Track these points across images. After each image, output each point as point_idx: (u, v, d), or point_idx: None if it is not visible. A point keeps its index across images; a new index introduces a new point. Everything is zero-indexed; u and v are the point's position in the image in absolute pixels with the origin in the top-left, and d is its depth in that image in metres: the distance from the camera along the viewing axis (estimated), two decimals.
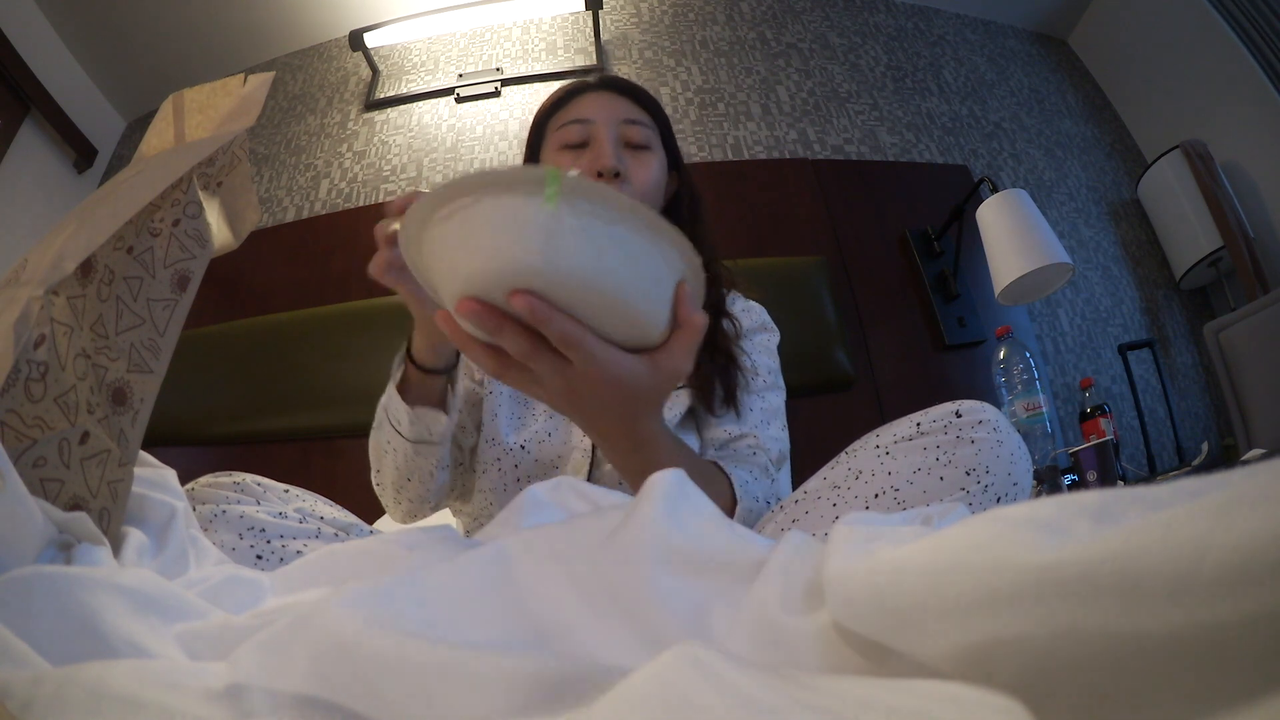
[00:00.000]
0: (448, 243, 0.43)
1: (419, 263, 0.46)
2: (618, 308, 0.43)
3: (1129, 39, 2.16)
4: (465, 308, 0.42)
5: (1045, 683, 0.17)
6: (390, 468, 0.72)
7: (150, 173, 0.47)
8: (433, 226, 0.43)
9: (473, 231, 0.41)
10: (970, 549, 0.18)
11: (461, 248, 0.42)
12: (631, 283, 0.43)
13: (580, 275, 0.41)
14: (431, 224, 0.43)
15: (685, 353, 0.46)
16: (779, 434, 0.81)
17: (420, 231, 0.44)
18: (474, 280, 0.42)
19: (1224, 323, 1.40)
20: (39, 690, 0.21)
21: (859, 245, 1.71)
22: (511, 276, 0.41)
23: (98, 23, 2.01)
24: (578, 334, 0.42)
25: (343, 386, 1.47)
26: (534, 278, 0.41)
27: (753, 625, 0.26)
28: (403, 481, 0.73)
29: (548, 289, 0.42)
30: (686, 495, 0.33)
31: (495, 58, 2.09)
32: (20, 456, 0.35)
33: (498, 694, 0.21)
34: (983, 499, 0.54)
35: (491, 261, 0.41)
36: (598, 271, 0.42)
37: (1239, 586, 0.13)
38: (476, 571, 0.30)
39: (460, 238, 0.42)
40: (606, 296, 0.43)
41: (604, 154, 0.79)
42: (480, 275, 0.42)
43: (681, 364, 0.46)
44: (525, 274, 0.41)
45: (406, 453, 0.70)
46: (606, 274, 0.42)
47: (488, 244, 0.41)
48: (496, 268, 0.41)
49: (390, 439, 0.70)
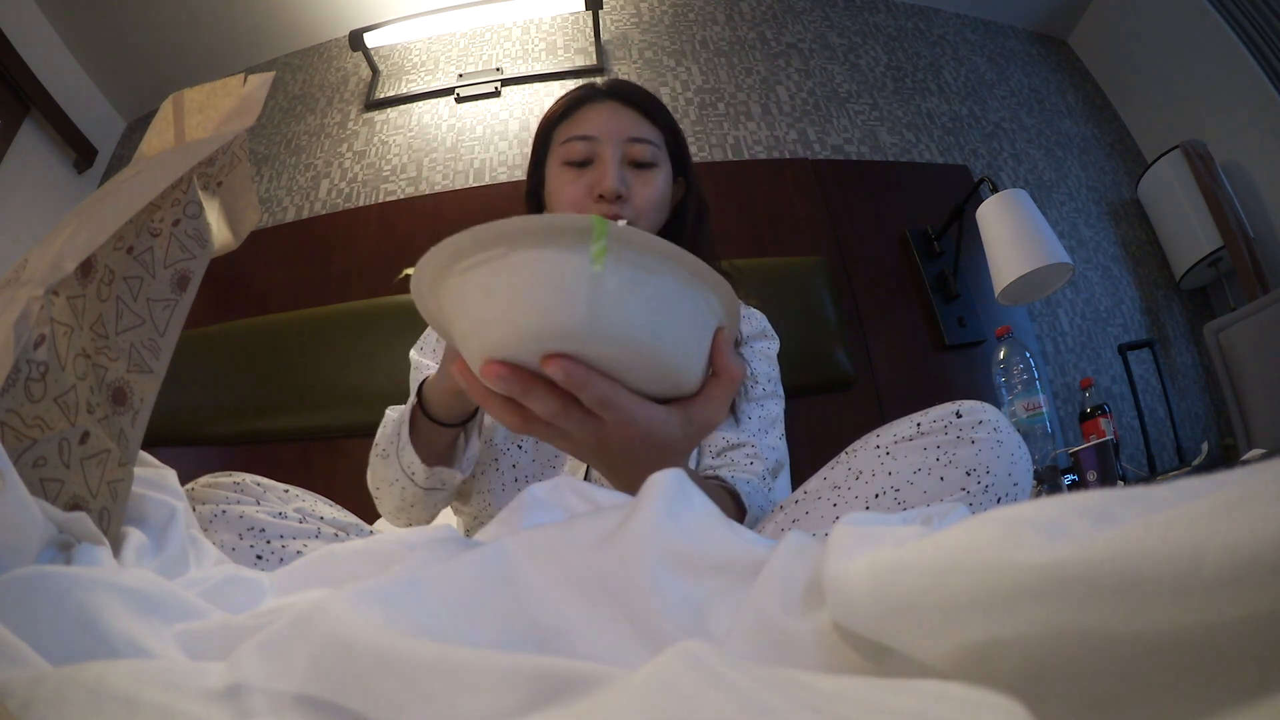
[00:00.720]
0: (471, 297, 0.39)
1: (434, 312, 0.43)
2: (656, 361, 0.40)
3: (1129, 39, 2.16)
4: (492, 372, 0.39)
5: (1045, 683, 0.17)
6: (394, 497, 0.73)
7: (150, 173, 0.47)
8: (453, 276, 0.39)
9: (503, 287, 0.37)
10: (970, 549, 0.18)
11: (488, 304, 0.38)
12: (671, 335, 0.40)
13: (621, 333, 0.38)
14: (452, 273, 0.39)
15: (721, 402, 0.44)
16: (776, 442, 0.81)
17: (438, 281, 0.40)
18: (502, 341, 0.38)
19: (1224, 323, 1.40)
20: (39, 690, 0.21)
21: (859, 245, 1.71)
22: (547, 339, 0.38)
23: (98, 23, 2.01)
24: (613, 394, 0.39)
25: (343, 386, 1.47)
26: (572, 340, 0.38)
27: (753, 625, 0.26)
28: (405, 508, 0.74)
29: (584, 348, 0.38)
30: (686, 495, 0.33)
31: (495, 58, 2.09)
32: (20, 456, 0.35)
33: (498, 694, 0.21)
34: (983, 499, 0.54)
35: (524, 322, 0.37)
36: (639, 327, 0.38)
37: (1239, 586, 0.13)
38: (476, 571, 0.30)
39: (487, 293, 0.38)
40: (645, 351, 0.39)
41: (607, 176, 0.79)
42: (511, 336, 0.38)
43: (717, 414, 0.44)
44: (563, 336, 0.37)
45: (417, 495, 0.70)
46: (647, 329, 0.39)
47: (520, 303, 0.37)
48: (530, 329, 0.37)
49: (398, 479, 0.70)
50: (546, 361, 0.37)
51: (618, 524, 0.31)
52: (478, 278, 0.38)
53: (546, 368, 0.37)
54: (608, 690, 0.19)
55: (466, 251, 0.37)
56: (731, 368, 0.43)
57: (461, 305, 0.39)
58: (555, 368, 0.37)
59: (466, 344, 0.41)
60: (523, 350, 0.38)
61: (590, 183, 0.80)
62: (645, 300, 0.38)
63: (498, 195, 1.76)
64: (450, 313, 0.41)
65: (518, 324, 0.38)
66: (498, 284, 0.37)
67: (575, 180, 0.81)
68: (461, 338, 0.41)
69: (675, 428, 0.43)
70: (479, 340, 0.40)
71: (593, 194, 0.79)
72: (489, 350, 0.39)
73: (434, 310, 0.43)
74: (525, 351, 0.38)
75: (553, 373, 0.37)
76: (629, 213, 0.79)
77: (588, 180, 0.80)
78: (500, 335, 0.38)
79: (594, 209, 0.79)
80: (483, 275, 0.38)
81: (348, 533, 0.60)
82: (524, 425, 0.43)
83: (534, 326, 0.37)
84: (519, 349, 0.38)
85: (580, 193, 0.80)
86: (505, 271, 0.37)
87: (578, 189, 0.81)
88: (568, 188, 0.81)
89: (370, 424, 0.78)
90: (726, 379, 0.43)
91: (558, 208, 0.83)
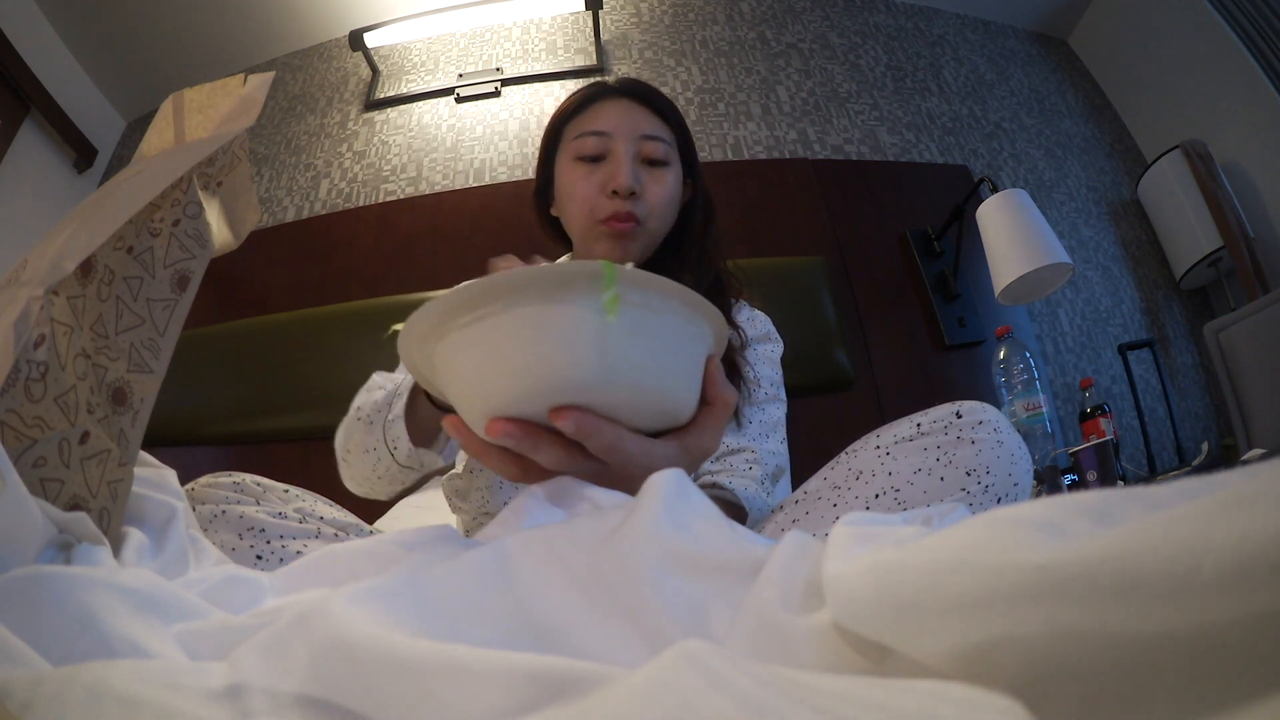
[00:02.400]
0: (471, 353, 0.37)
1: (422, 369, 0.41)
2: (658, 399, 0.39)
3: (1129, 39, 2.16)
4: (499, 430, 0.37)
5: (1045, 683, 0.17)
6: (365, 465, 0.70)
7: (150, 173, 0.47)
8: (452, 332, 0.37)
9: (509, 343, 0.36)
10: (970, 549, 0.18)
11: (492, 360, 0.36)
12: (672, 372, 0.40)
13: (630, 378, 0.37)
14: (450, 329, 0.37)
15: (716, 431, 0.44)
16: (777, 447, 0.81)
17: (431, 337, 0.38)
18: (509, 397, 0.37)
19: (1224, 323, 1.40)
20: (39, 690, 0.21)
21: (859, 245, 1.71)
22: (556, 392, 0.36)
23: (98, 23, 2.01)
24: (618, 440, 0.39)
25: (343, 386, 1.46)
26: (582, 391, 0.36)
27: (753, 625, 0.26)
28: (372, 479, 0.72)
29: (592, 398, 0.37)
30: (686, 495, 0.33)
31: (495, 58, 2.09)
32: (20, 456, 0.35)
33: (498, 694, 0.21)
34: (983, 499, 0.54)
35: (535, 378, 0.36)
36: (647, 370, 0.38)
37: (1239, 586, 0.13)
38: (476, 571, 0.30)
39: (491, 349, 0.36)
40: (649, 391, 0.38)
41: (621, 173, 0.78)
42: (518, 392, 0.36)
43: (711, 443, 0.44)
44: (574, 389, 0.36)
45: (390, 469, 0.68)
46: (653, 370, 0.38)
47: (529, 358, 0.36)
48: (540, 384, 0.36)
49: (376, 449, 0.68)
50: (557, 414, 0.36)
51: (618, 524, 0.31)
52: (479, 332, 0.36)
53: (557, 421, 0.36)
54: (607, 690, 0.19)
55: (468, 306, 0.36)
56: (725, 396, 0.43)
57: (460, 362, 0.38)
58: (567, 421, 0.36)
59: (465, 402, 0.39)
60: (530, 405, 0.37)
61: (603, 178, 0.79)
62: (651, 341, 0.38)
63: (498, 195, 1.76)
64: (446, 369, 0.39)
65: (527, 380, 0.36)
66: (503, 339, 0.36)
67: (588, 176, 0.81)
68: (458, 395, 0.39)
69: (673, 459, 0.42)
70: (479, 399, 0.38)
71: (605, 190, 0.79)
72: (494, 408, 0.37)
73: (423, 367, 0.41)
74: (532, 406, 0.37)
75: (564, 426, 0.36)
76: (642, 209, 0.79)
77: (600, 176, 0.80)
78: (507, 391, 0.37)
79: (608, 206, 0.79)
80: (485, 330, 0.36)
81: (348, 533, 0.60)
82: (523, 475, 0.42)
83: (544, 382, 0.36)
84: (526, 404, 0.37)
85: (593, 188, 0.80)
86: (511, 326, 0.35)
87: (590, 185, 0.80)
88: (580, 183, 0.81)
89: None
90: (721, 407, 0.43)
91: (570, 203, 0.83)
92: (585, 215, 0.80)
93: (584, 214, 0.81)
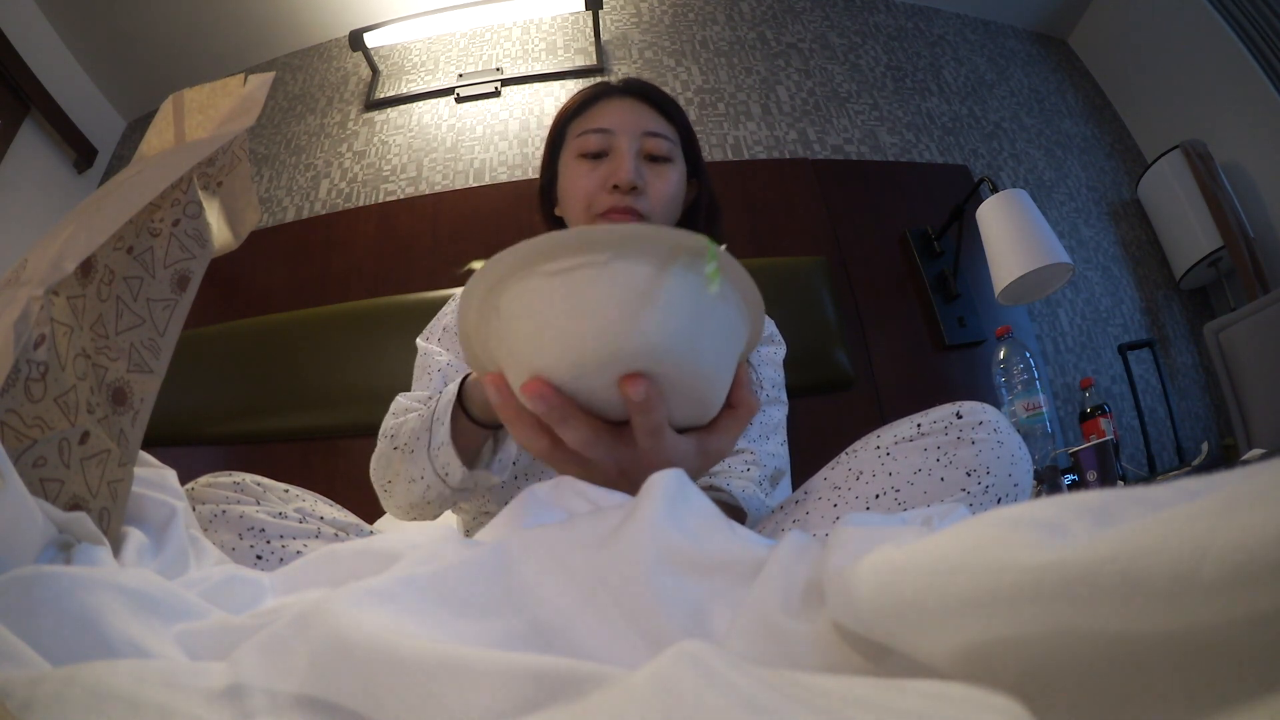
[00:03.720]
0: (547, 302, 0.35)
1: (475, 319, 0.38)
2: (706, 387, 0.39)
3: (1129, 39, 2.16)
4: (534, 390, 0.36)
5: (1045, 683, 0.17)
6: (413, 494, 0.68)
7: (150, 173, 0.47)
8: (535, 278, 0.35)
9: (595, 297, 0.34)
10: (970, 549, 0.18)
11: (569, 314, 0.35)
12: (724, 362, 0.39)
13: (699, 359, 0.36)
14: (533, 274, 0.35)
15: (734, 436, 0.43)
16: (777, 449, 0.80)
17: (511, 283, 0.36)
18: (572, 357, 0.35)
19: (1224, 323, 1.40)
20: (39, 690, 0.21)
21: (859, 245, 1.71)
22: (629, 357, 0.35)
23: (98, 23, 2.01)
24: (664, 422, 0.38)
25: (343, 386, 1.47)
26: (653, 359, 0.35)
27: (752, 625, 0.26)
28: (420, 505, 0.70)
29: (660, 370, 0.35)
30: (686, 495, 0.33)
31: (495, 58, 2.09)
32: (20, 456, 0.35)
33: (497, 694, 0.21)
34: (983, 500, 0.54)
35: (611, 338, 0.34)
36: (713, 353, 0.37)
37: (1239, 586, 0.13)
38: (477, 571, 0.30)
39: (574, 301, 0.34)
40: (707, 377, 0.38)
41: (623, 167, 0.78)
42: (587, 351, 0.35)
43: (728, 447, 0.43)
44: (646, 357, 0.35)
45: (442, 495, 0.66)
46: (714, 355, 0.37)
47: (613, 316, 0.34)
48: (615, 347, 0.34)
49: (424, 477, 0.66)
50: (630, 380, 0.35)
51: (618, 524, 0.31)
52: (570, 282, 0.34)
53: (630, 386, 0.35)
54: (608, 690, 0.19)
55: (566, 251, 0.34)
56: (750, 402, 0.43)
57: (534, 309, 0.35)
58: (639, 388, 0.35)
59: (520, 355, 0.37)
60: (595, 368, 0.35)
61: (606, 174, 0.80)
62: (720, 326, 0.37)
63: (498, 195, 1.76)
64: (514, 317, 0.37)
65: (604, 339, 0.35)
66: (594, 293, 0.34)
67: (590, 172, 0.81)
68: (516, 348, 0.37)
69: (691, 459, 0.42)
70: (541, 353, 0.36)
71: (607, 185, 0.79)
72: (549, 365, 0.36)
73: (474, 319, 0.39)
74: (597, 369, 0.35)
75: (634, 392, 0.35)
76: (644, 206, 0.79)
77: (603, 172, 0.80)
78: (575, 349, 0.35)
79: (608, 200, 0.79)
80: (577, 280, 0.34)
81: (348, 533, 0.60)
82: (550, 452, 0.41)
83: (625, 344, 0.34)
84: (593, 365, 0.35)
85: (595, 184, 0.80)
86: (607, 280, 0.34)
87: (592, 180, 0.80)
88: (582, 179, 0.81)
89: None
90: (744, 412, 0.43)
91: (572, 199, 0.83)
92: (585, 210, 0.81)
93: (584, 209, 0.81)
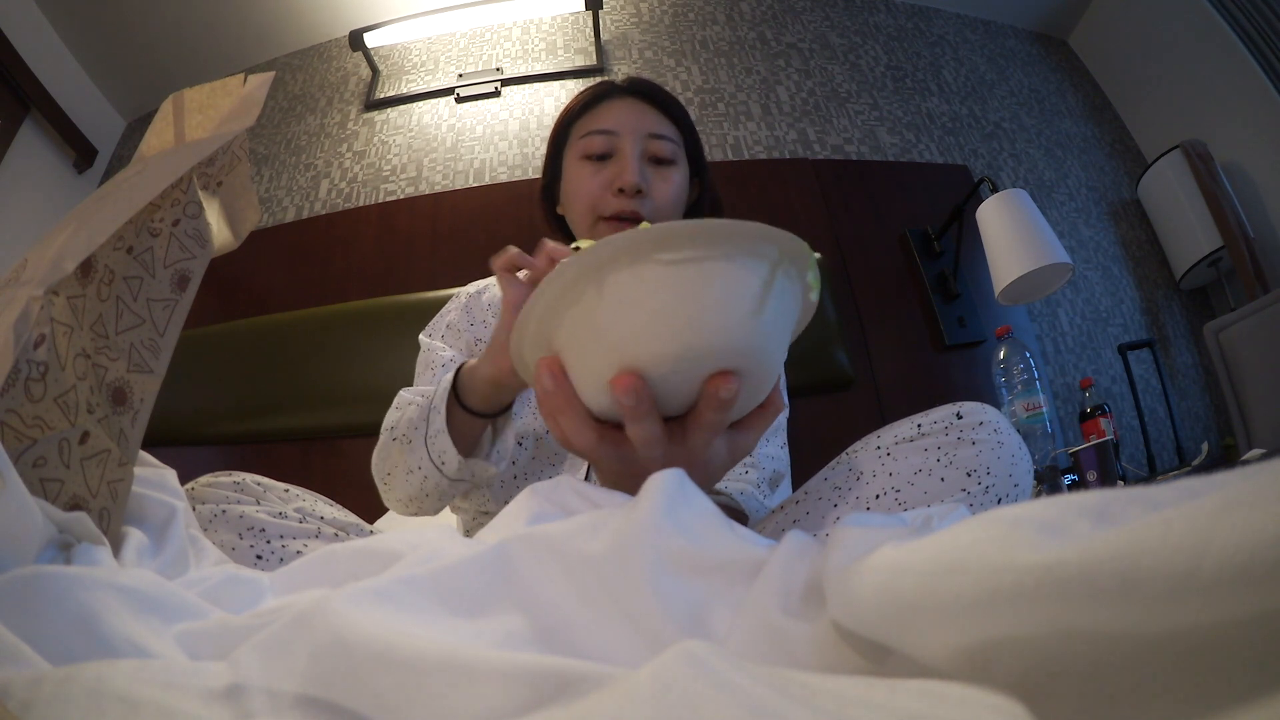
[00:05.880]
0: (658, 292, 0.34)
1: (576, 298, 0.37)
2: (769, 387, 0.40)
3: (1129, 39, 2.16)
4: (628, 384, 0.35)
5: (1045, 683, 0.17)
6: (411, 486, 0.68)
7: (150, 173, 0.47)
8: (644, 265, 0.35)
9: (715, 291, 0.34)
10: (970, 549, 0.18)
11: (681, 306, 0.34)
12: (782, 359, 0.40)
13: (779, 358, 0.37)
14: (648, 261, 0.34)
15: (759, 433, 0.44)
16: (777, 452, 0.80)
17: (622, 266, 0.35)
18: (680, 345, 0.35)
19: (1224, 323, 1.40)
20: (39, 690, 0.21)
21: (859, 245, 1.71)
22: (731, 353, 0.36)
23: (98, 23, 2.01)
24: (728, 422, 0.39)
25: (343, 386, 1.47)
26: (746, 357, 0.36)
27: (752, 625, 0.26)
28: (419, 498, 0.70)
29: (747, 368, 0.37)
30: (686, 495, 0.33)
31: (495, 58, 2.09)
32: (20, 456, 0.35)
33: (498, 693, 0.21)
34: (983, 500, 0.53)
35: (718, 329, 0.35)
36: (783, 352, 0.38)
37: (1239, 586, 0.13)
38: (477, 571, 0.30)
39: (690, 293, 0.34)
40: (772, 377, 0.39)
41: (628, 170, 0.78)
42: (699, 341, 0.35)
43: (752, 444, 0.44)
44: (745, 353, 0.36)
45: (440, 486, 0.66)
46: (784, 354, 0.39)
47: (730, 312, 0.35)
48: (725, 341, 0.35)
49: (421, 468, 0.66)
50: (722, 377, 0.36)
51: (618, 524, 0.31)
52: (690, 273, 0.34)
53: (721, 383, 0.36)
54: (608, 690, 0.19)
55: (692, 241, 0.34)
56: (777, 402, 0.44)
57: (641, 298, 0.35)
58: (731, 385, 0.36)
59: (615, 341, 0.36)
60: (694, 359, 0.36)
61: (610, 176, 0.80)
62: (792, 329, 0.38)
63: (498, 195, 1.76)
64: (616, 304, 0.36)
65: (717, 332, 0.35)
66: (712, 286, 0.34)
67: (594, 174, 0.81)
68: (611, 335, 0.36)
69: (721, 456, 0.43)
70: (644, 339, 0.35)
71: (612, 188, 0.79)
72: (652, 353, 0.35)
73: (559, 297, 0.37)
74: (694, 361, 0.36)
75: (724, 390, 0.36)
76: (648, 208, 0.79)
77: (607, 174, 0.80)
78: (683, 339, 0.35)
79: (613, 203, 0.79)
80: (699, 271, 0.34)
81: (348, 533, 0.60)
82: (596, 446, 0.41)
83: (729, 339, 0.35)
84: (692, 357, 0.36)
85: (599, 186, 0.80)
86: (723, 275, 0.34)
87: (596, 183, 0.80)
88: (586, 181, 0.81)
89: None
90: (772, 412, 0.44)
91: (576, 201, 0.83)
92: (589, 212, 0.81)
93: (588, 211, 0.81)
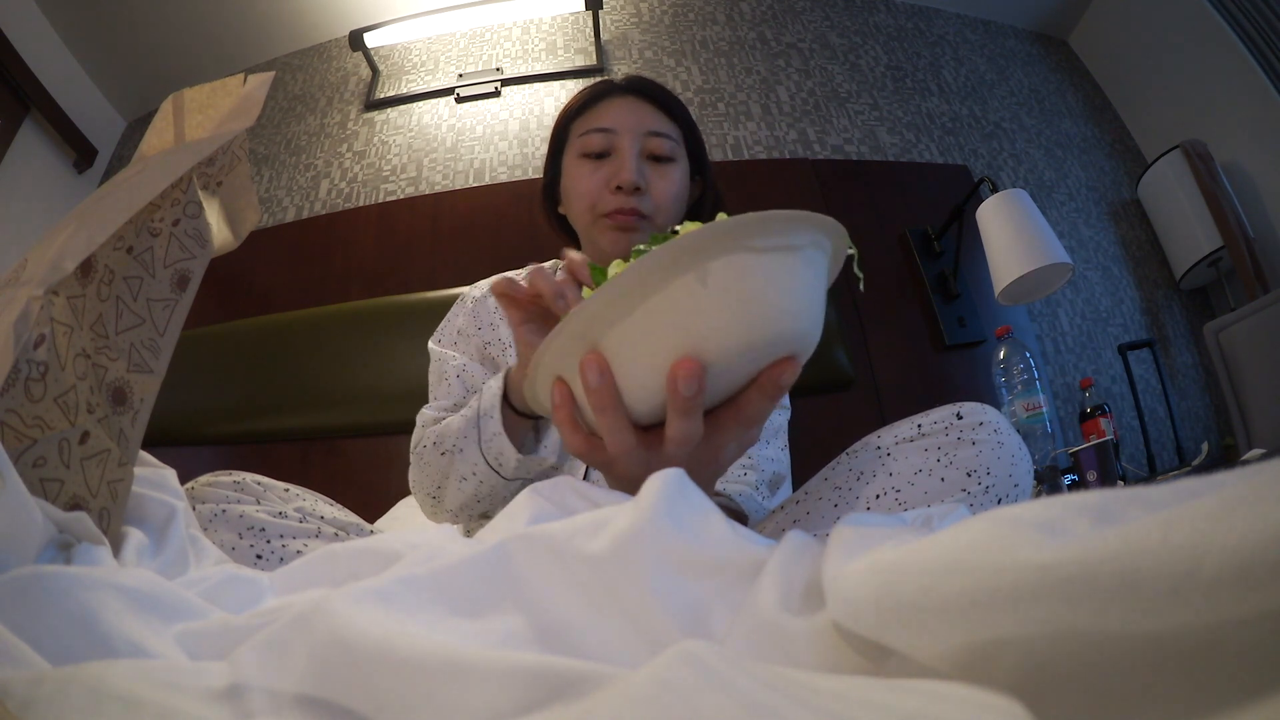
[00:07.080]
0: (748, 278, 0.35)
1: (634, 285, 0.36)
2: None
3: (1129, 39, 2.16)
4: (690, 369, 0.35)
5: (1045, 683, 0.17)
6: (463, 493, 0.68)
7: (150, 173, 0.47)
8: (737, 253, 0.35)
9: (806, 281, 0.36)
10: (970, 549, 0.18)
11: (770, 292, 0.35)
12: None
13: None
14: (739, 249, 0.35)
15: (763, 421, 0.45)
16: (777, 454, 0.80)
17: (714, 254, 0.35)
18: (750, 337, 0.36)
19: (1224, 323, 1.39)
20: (39, 690, 0.21)
21: (858, 245, 1.70)
22: (797, 340, 0.38)
23: (98, 23, 2.01)
24: None
25: (343, 386, 1.47)
26: (806, 345, 0.38)
27: (752, 625, 0.26)
28: (470, 504, 0.70)
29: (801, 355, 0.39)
30: (686, 495, 0.33)
31: (495, 58, 2.09)
32: (20, 456, 0.35)
33: (498, 693, 0.21)
34: (983, 500, 0.54)
35: (801, 318, 0.37)
36: None
37: (1239, 587, 0.13)
38: (477, 571, 0.30)
39: (783, 281, 0.35)
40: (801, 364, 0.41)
41: (626, 168, 0.78)
42: (780, 328, 0.36)
43: (756, 435, 0.45)
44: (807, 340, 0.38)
45: (495, 487, 0.67)
46: None
47: (814, 301, 0.37)
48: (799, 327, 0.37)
49: (476, 471, 0.66)
50: (787, 363, 0.38)
51: (618, 524, 0.31)
52: (786, 262, 0.35)
53: (785, 369, 0.38)
54: (608, 690, 0.19)
55: (791, 230, 0.35)
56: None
57: (729, 284, 0.35)
58: (794, 369, 0.38)
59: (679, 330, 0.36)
60: (767, 345, 0.37)
61: (608, 174, 0.80)
62: None
63: (498, 195, 1.76)
64: (704, 290, 0.35)
65: (798, 319, 0.37)
66: (798, 275, 0.36)
67: (593, 172, 0.81)
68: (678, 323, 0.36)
69: (733, 451, 0.44)
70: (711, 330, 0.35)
71: (610, 186, 0.79)
72: (715, 344, 0.36)
73: (639, 291, 0.36)
74: (767, 347, 0.37)
75: (785, 376, 0.38)
76: (647, 206, 0.79)
77: (605, 172, 0.80)
78: (766, 326, 0.36)
79: (611, 201, 0.79)
80: (796, 261, 0.35)
81: (348, 533, 0.60)
82: (633, 447, 0.42)
83: (803, 325, 0.37)
84: (766, 343, 0.37)
85: (598, 184, 0.80)
86: (806, 265, 0.36)
87: (595, 181, 0.80)
88: (585, 179, 0.81)
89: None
90: None
91: (575, 199, 0.83)
92: (588, 210, 0.81)
93: (587, 209, 0.81)
